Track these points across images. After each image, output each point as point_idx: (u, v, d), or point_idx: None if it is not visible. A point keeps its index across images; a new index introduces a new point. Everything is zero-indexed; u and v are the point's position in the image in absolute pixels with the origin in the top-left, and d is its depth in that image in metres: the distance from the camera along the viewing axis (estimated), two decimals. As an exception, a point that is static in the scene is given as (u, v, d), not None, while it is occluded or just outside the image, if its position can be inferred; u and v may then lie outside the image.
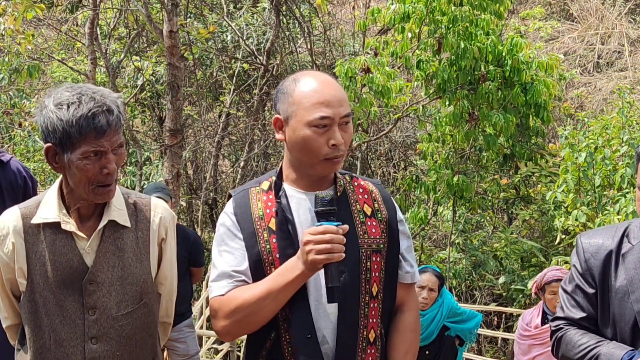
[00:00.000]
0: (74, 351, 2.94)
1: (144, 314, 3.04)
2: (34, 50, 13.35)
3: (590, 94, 17.28)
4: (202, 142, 17.79)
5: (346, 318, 2.88)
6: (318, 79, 2.92)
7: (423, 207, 13.51)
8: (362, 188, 3.07)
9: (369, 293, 2.93)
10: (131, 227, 3.02)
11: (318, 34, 16.32)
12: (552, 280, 6.37)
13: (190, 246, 7.40)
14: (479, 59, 11.24)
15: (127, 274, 2.98)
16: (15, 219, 2.97)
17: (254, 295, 2.81)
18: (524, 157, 12.91)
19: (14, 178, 3.71)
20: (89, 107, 2.73)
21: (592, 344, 3.04)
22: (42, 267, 2.92)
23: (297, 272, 2.77)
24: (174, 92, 10.67)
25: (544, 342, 6.35)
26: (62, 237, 2.93)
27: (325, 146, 2.85)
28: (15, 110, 12.16)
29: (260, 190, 3.02)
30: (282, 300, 2.82)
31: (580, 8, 20.06)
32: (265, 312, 2.83)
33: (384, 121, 15.43)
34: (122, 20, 14.80)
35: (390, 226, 3.03)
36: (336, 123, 2.85)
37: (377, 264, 2.95)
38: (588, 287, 3.13)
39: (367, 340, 2.93)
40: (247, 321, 2.87)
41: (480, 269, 13.97)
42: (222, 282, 2.91)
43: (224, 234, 2.98)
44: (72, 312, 2.92)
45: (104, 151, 2.79)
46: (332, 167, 2.93)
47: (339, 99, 2.87)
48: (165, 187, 7.93)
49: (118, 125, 2.81)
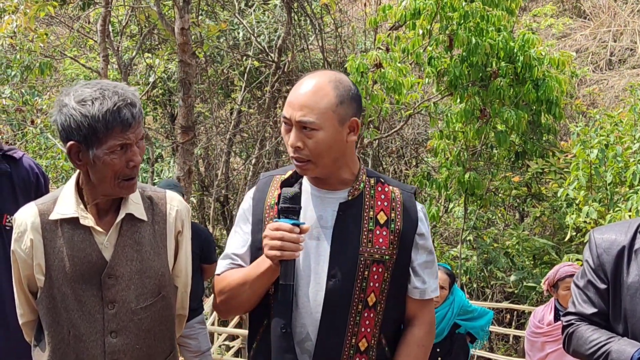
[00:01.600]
0: (94, 345, 2.95)
1: (163, 307, 3.07)
2: (46, 48, 13.38)
3: (602, 92, 17.22)
4: (214, 140, 17.79)
5: (330, 321, 2.89)
6: (304, 80, 2.91)
7: (434, 204, 13.48)
8: (385, 194, 3.03)
9: (362, 302, 2.91)
10: (148, 220, 3.04)
11: (329, 31, 16.31)
12: (566, 276, 6.32)
13: (202, 243, 7.41)
14: (491, 55, 11.21)
15: (145, 267, 3.00)
16: (33, 216, 2.98)
17: (234, 280, 2.93)
18: (535, 154, 12.88)
19: (26, 175, 3.72)
20: (114, 102, 2.75)
21: (603, 340, 3.04)
22: (60, 263, 2.93)
23: (267, 265, 2.82)
24: (185, 89, 10.68)
25: (557, 339, 6.31)
26: (80, 232, 2.94)
27: (290, 146, 2.87)
28: (27, 108, 12.19)
29: (282, 180, 3.04)
30: (257, 288, 2.89)
31: (592, 5, 19.99)
32: (243, 297, 2.92)
33: (395, 118, 15.42)
34: (134, 17, 14.82)
35: (402, 238, 2.99)
36: (293, 125, 2.85)
37: (377, 274, 2.93)
38: (600, 283, 3.12)
39: (356, 349, 2.92)
40: (230, 302, 2.97)
41: (492, 266, 13.94)
42: (223, 261, 3.03)
43: (240, 215, 3.07)
44: (91, 306, 2.94)
45: (130, 144, 2.81)
46: (299, 169, 2.94)
47: (300, 103, 2.85)
48: (178, 183, 7.96)
49: (140, 118, 2.84)
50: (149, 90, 15.66)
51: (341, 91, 2.87)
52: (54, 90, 15.28)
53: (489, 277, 14.24)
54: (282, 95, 16.62)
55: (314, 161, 2.87)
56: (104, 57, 12.55)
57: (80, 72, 15.74)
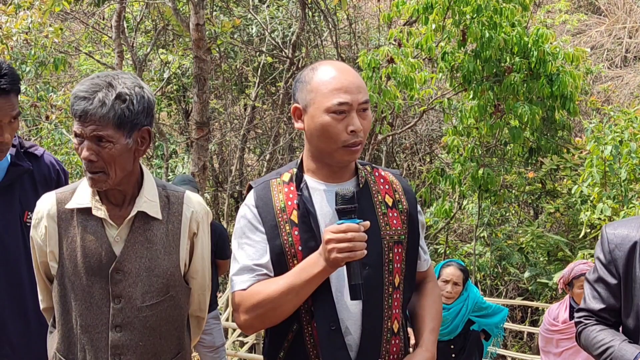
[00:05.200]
0: (99, 337, 2.97)
1: (170, 306, 3.06)
2: (60, 44, 13.41)
3: (617, 88, 17.16)
4: (228, 136, 17.83)
5: (370, 310, 2.88)
6: (336, 67, 2.92)
7: (448, 200, 13.47)
8: (383, 178, 3.07)
9: (392, 284, 2.94)
10: (162, 219, 3.03)
11: (343, 27, 16.32)
12: (581, 274, 6.31)
13: (217, 238, 7.41)
14: (505, 50, 11.19)
15: (154, 265, 2.99)
16: (51, 204, 3.02)
17: (276, 290, 2.82)
18: (549, 150, 12.85)
19: (47, 171, 3.75)
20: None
21: (607, 342, 3.06)
22: (72, 252, 2.96)
23: (319, 269, 2.77)
24: (200, 85, 10.71)
25: (571, 336, 6.30)
26: (93, 223, 2.96)
27: (344, 132, 2.84)
28: (42, 104, 12.20)
29: (281, 182, 3.01)
30: (304, 295, 2.83)
31: (607, 2, 19.93)
32: (288, 306, 2.84)
33: (409, 114, 15.41)
34: (148, 13, 14.85)
35: (410, 217, 3.03)
36: (354, 109, 2.85)
37: (398, 255, 2.96)
38: (611, 278, 3.12)
39: (392, 331, 2.94)
40: (269, 315, 2.87)
41: (505, 263, 13.93)
42: (243, 276, 2.93)
43: (244, 226, 2.99)
44: (99, 299, 2.96)
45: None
46: (352, 154, 2.91)
47: (356, 85, 2.87)
48: (193, 179, 7.97)
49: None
50: (164, 86, 15.70)
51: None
52: (69, 86, 15.29)
53: (503, 273, 14.23)
54: (296, 91, 16.62)
55: (362, 141, 2.91)
56: (119, 53, 12.61)
57: (95, 68, 15.76)
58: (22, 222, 3.57)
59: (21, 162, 3.62)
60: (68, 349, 3.03)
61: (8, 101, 3.35)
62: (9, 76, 3.33)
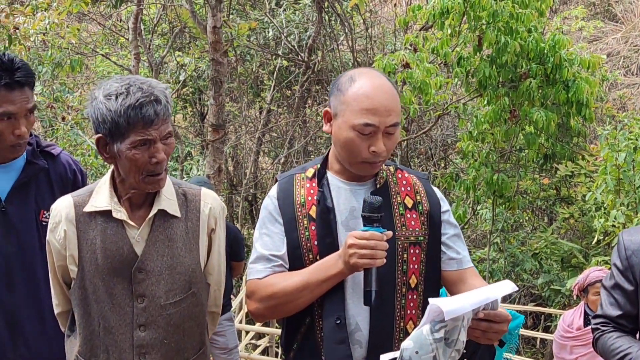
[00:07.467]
0: (123, 338, 2.98)
1: (193, 303, 3.09)
2: (77, 45, 13.46)
3: (633, 95, 17.12)
4: (243, 138, 17.86)
5: (381, 307, 2.90)
6: (372, 83, 2.91)
7: (462, 206, 13.45)
8: (406, 180, 3.09)
9: (405, 285, 2.96)
10: (181, 217, 3.06)
11: (359, 31, 16.32)
12: (596, 281, 6.32)
13: (231, 240, 7.43)
14: (520, 55, 11.16)
15: (176, 263, 3.01)
16: (68, 207, 3.02)
17: (291, 286, 2.88)
18: (564, 157, 12.82)
19: (64, 171, 3.75)
20: (136, 97, 2.77)
21: (624, 348, 3.06)
22: (92, 255, 2.97)
23: (336, 270, 2.83)
24: (216, 88, 10.75)
25: (586, 343, 6.31)
26: (113, 225, 2.97)
27: (366, 151, 2.88)
28: (58, 105, 12.25)
29: (305, 177, 3.07)
30: (317, 293, 2.88)
31: (624, 9, 19.88)
32: (300, 302, 2.90)
33: (424, 119, 15.40)
34: (166, 15, 14.90)
35: (432, 218, 3.04)
36: (381, 131, 2.87)
37: (415, 256, 2.98)
38: (628, 284, 3.13)
39: (405, 331, 2.94)
40: (281, 308, 2.95)
41: (519, 269, 13.90)
42: (260, 265, 3.00)
43: (265, 217, 3.07)
44: (122, 299, 2.97)
45: (152, 140, 2.83)
46: (370, 170, 2.97)
47: (387, 109, 2.87)
48: (208, 181, 8.02)
49: (166, 115, 2.85)
50: (179, 88, 15.74)
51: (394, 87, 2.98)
52: (85, 88, 15.36)
53: (516, 279, 14.19)
54: (312, 94, 16.65)
55: (383, 160, 2.96)
56: (136, 55, 12.66)
57: (111, 69, 15.84)
58: (39, 220, 3.58)
59: (37, 160, 3.63)
60: (91, 351, 3.04)
61: (23, 94, 3.37)
62: (22, 69, 3.35)
